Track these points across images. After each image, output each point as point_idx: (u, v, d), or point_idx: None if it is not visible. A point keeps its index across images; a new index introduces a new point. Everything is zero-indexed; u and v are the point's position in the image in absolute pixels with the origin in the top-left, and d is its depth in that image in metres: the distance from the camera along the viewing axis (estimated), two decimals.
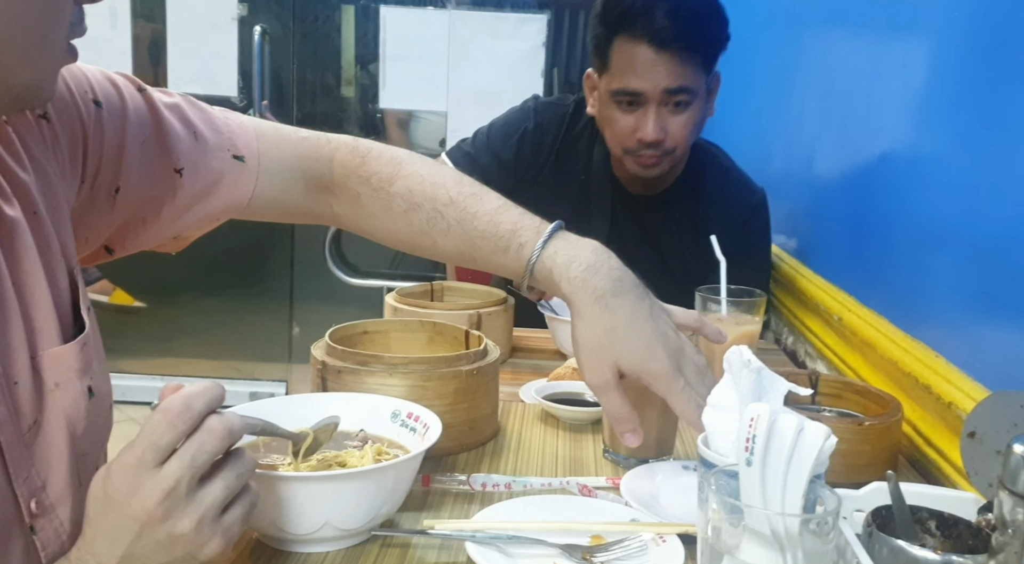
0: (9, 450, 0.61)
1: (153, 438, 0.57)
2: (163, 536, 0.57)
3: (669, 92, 1.35)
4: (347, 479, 0.71)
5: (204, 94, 3.08)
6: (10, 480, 0.62)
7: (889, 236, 1.21)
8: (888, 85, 1.26)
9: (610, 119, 1.40)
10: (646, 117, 1.36)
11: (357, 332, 1.05)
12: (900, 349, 1.07)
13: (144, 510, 0.56)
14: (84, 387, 0.68)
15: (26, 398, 0.63)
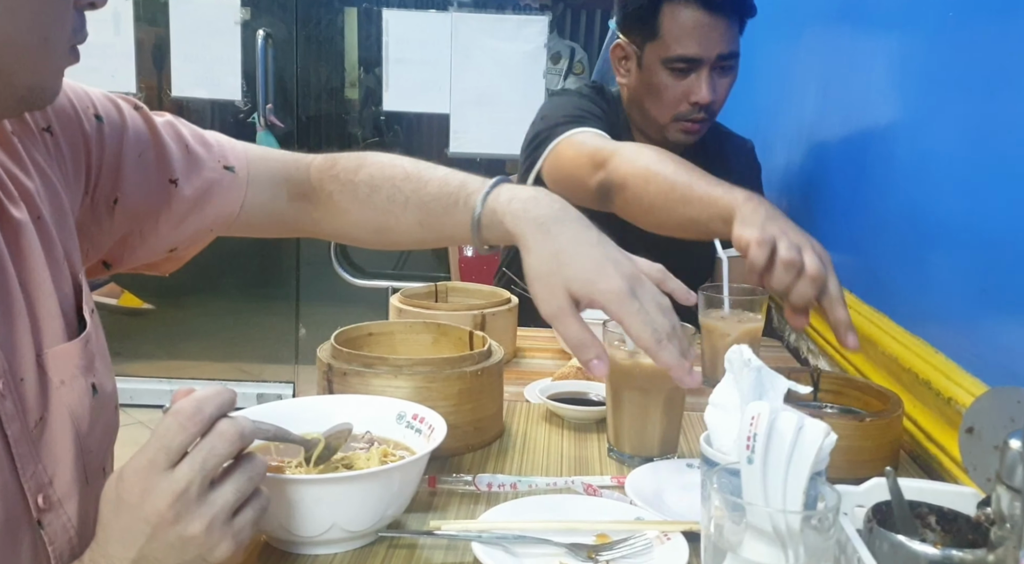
0: (16, 446, 0.63)
1: (165, 441, 0.58)
2: (174, 538, 0.57)
3: (722, 57, 1.39)
4: (354, 481, 0.71)
5: (208, 98, 3.11)
6: (17, 475, 0.63)
7: (889, 233, 1.22)
8: (888, 79, 1.26)
9: (659, 86, 1.42)
10: (700, 81, 1.40)
11: (362, 334, 1.06)
12: (900, 345, 1.08)
13: (156, 512, 0.57)
14: (88, 384, 0.70)
15: (32, 394, 0.65)
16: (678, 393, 0.95)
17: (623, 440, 0.95)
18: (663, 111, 1.45)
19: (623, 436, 0.95)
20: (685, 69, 1.40)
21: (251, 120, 3.06)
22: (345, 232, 0.94)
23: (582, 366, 0.81)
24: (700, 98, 1.40)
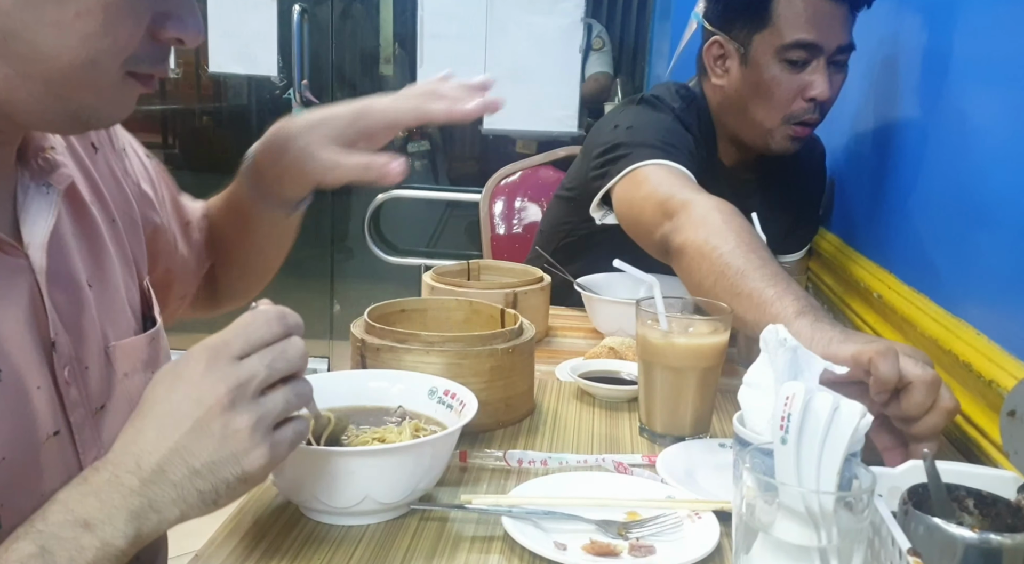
0: (78, 431, 0.64)
1: (247, 331, 0.60)
2: (219, 427, 0.58)
3: (840, 48, 1.29)
4: (387, 454, 0.72)
5: (245, 74, 3.13)
6: (78, 457, 0.64)
7: (930, 213, 1.19)
8: (930, 52, 1.23)
9: (770, 82, 1.30)
10: (818, 73, 1.27)
11: (395, 310, 1.07)
12: (941, 327, 1.06)
13: (212, 392, 0.57)
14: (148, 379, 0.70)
15: (96, 382, 0.67)
16: (711, 372, 0.94)
17: (655, 419, 0.95)
18: (773, 112, 1.32)
19: (655, 415, 0.95)
20: (802, 60, 1.27)
21: (286, 96, 3.07)
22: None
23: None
24: (819, 93, 1.27)
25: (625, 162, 1.26)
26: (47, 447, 0.61)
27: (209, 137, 3.45)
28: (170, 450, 0.57)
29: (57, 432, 0.62)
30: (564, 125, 3.01)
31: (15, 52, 0.55)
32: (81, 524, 0.55)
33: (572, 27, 2.99)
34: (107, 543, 0.55)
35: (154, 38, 0.60)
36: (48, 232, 0.63)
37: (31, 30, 0.54)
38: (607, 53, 3.35)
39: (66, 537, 0.54)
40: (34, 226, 0.63)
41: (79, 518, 0.55)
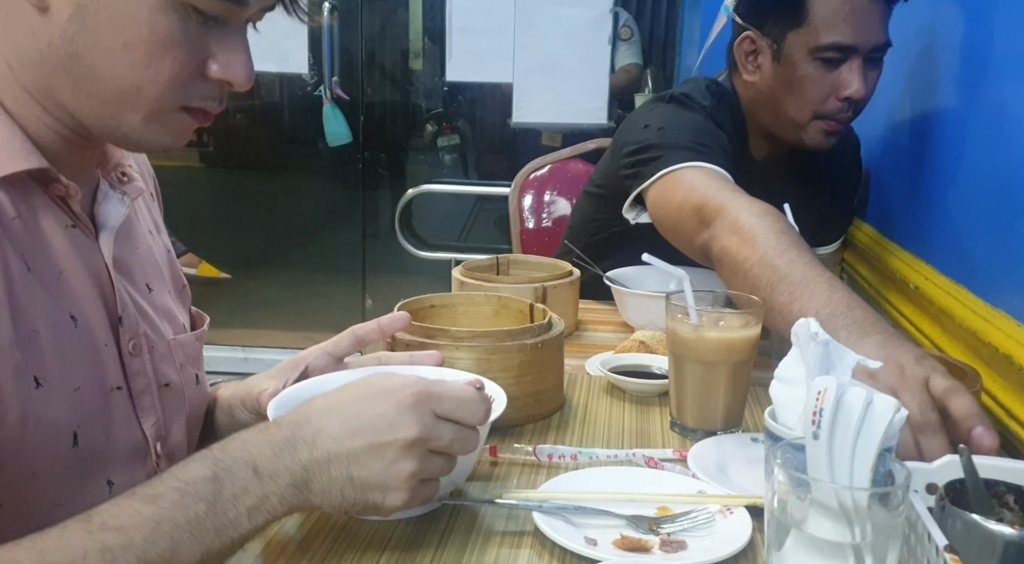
0: (138, 398, 0.73)
1: (460, 403, 0.66)
2: (390, 457, 0.62)
3: (877, 47, 1.26)
4: None
5: (276, 72, 3.16)
6: (138, 419, 0.73)
7: (969, 202, 1.17)
8: (969, 41, 1.20)
9: (804, 80, 1.27)
10: (853, 72, 1.24)
11: (425, 306, 1.07)
12: (980, 319, 1.04)
13: (405, 429, 0.62)
14: (193, 374, 0.82)
15: (161, 364, 0.77)
16: (743, 367, 0.93)
17: (686, 413, 0.94)
18: (804, 109, 1.29)
19: (686, 409, 0.94)
20: (837, 59, 1.25)
21: (317, 93, 3.10)
22: None
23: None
24: (854, 92, 1.25)
25: (658, 164, 1.24)
26: (111, 398, 0.70)
27: (242, 134, 3.49)
28: (343, 449, 0.62)
29: (119, 387, 0.71)
30: (594, 117, 2.99)
31: (77, 71, 0.64)
32: (252, 468, 0.60)
33: (601, 18, 2.97)
34: (266, 497, 0.60)
35: (203, 76, 0.67)
36: (117, 224, 0.73)
37: (89, 54, 0.63)
38: (636, 44, 3.32)
39: (237, 474, 0.60)
40: (106, 216, 0.73)
41: (252, 461, 0.60)
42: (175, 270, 0.87)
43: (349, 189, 3.36)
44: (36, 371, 0.63)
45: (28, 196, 0.65)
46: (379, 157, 3.37)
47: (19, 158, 0.64)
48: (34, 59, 0.64)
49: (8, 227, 0.63)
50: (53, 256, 0.67)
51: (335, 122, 3.10)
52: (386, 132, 3.34)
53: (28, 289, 0.63)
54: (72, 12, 0.62)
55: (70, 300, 0.67)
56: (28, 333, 0.63)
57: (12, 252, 0.62)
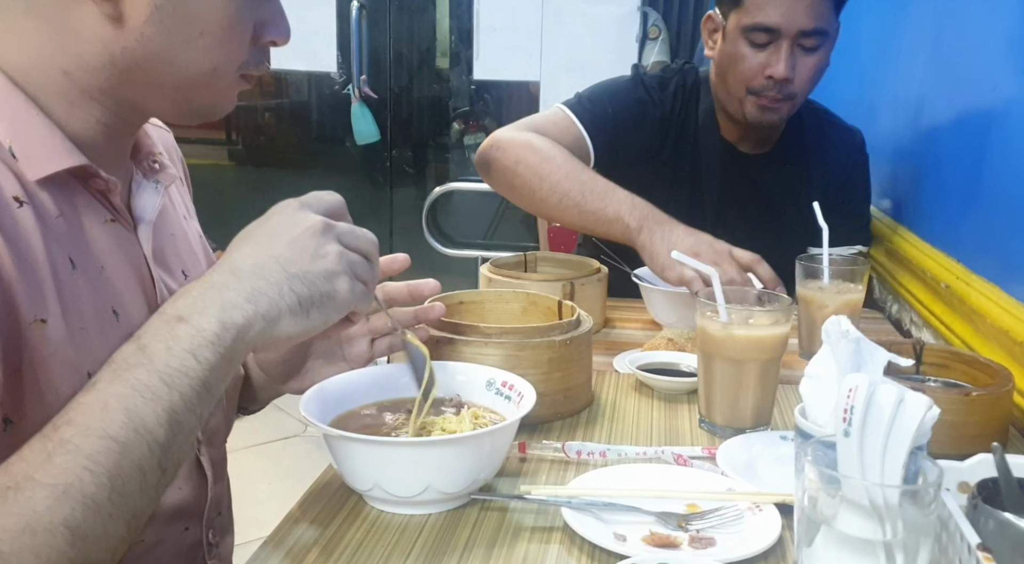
0: None
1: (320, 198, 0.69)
2: (312, 245, 0.65)
3: (804, 33, 1.31)
4: (449, 444, 0.73)
5: (305, 71, 3.19)
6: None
7: (1001, 201, 1.15)
8: (1004, 35, 1.19)
9: (737, 56, 1.35)
10: (778, 53, 1.32)
11: (453, 302, 1.08)
12: (1013, 318, 1.03)
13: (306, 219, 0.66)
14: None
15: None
16: (772, 364, 0.93)
17: (715, 411, 0.94)
18: (738, 84, 1.37)
19: (715, 407, 0.94)
20: (764, 41, 1.32)
21: (346, 92, 3.12)
22: None
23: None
24: (775, 73, 1.32)
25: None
26: None
27: (271, 132, 3.52)
28: (267, 257, 0.64)
29: None
30: None
31: (153, 68, 0.66)
32: (175, 318, 0.60)
33: (628, 16, 2.97)
34: (201, 329, 0.60)
35: (255, 43, 0.70)
36: (154, 216, 0.75)
37: (167, 50, 0.65)
38: (664, 42, 3.31)
39: (161, 331, 0.60)
40: (143, 208, 0.74)
41: (173, 315, 0.61)
42: (208, 255, 0.89)
43: (377, 187, 3.38)
44: (90, 367, 0.64)
45: (69, 193, 0.67)
46: (406, 155, 3.39)
47: (61, 157, 0.65)
48: (103, 64, 0.65)
49: (52, 226, 0.64)
50: (95, 251, 0.68)
51: (363, 120, 3.12)
52: (413, 130, 3.36)
53: (74, 286, 0.64)
54: (148, 15, 0.64)
55: (112, 295, 0.69)
56: (78, 330, 0.64)
57: (58, 250, 0.64)
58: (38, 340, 0.60)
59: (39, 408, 0.61)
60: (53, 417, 0.57)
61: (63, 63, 0.65)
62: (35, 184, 0.63)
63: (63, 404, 0.59)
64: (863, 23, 1.93)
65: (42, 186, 0.64)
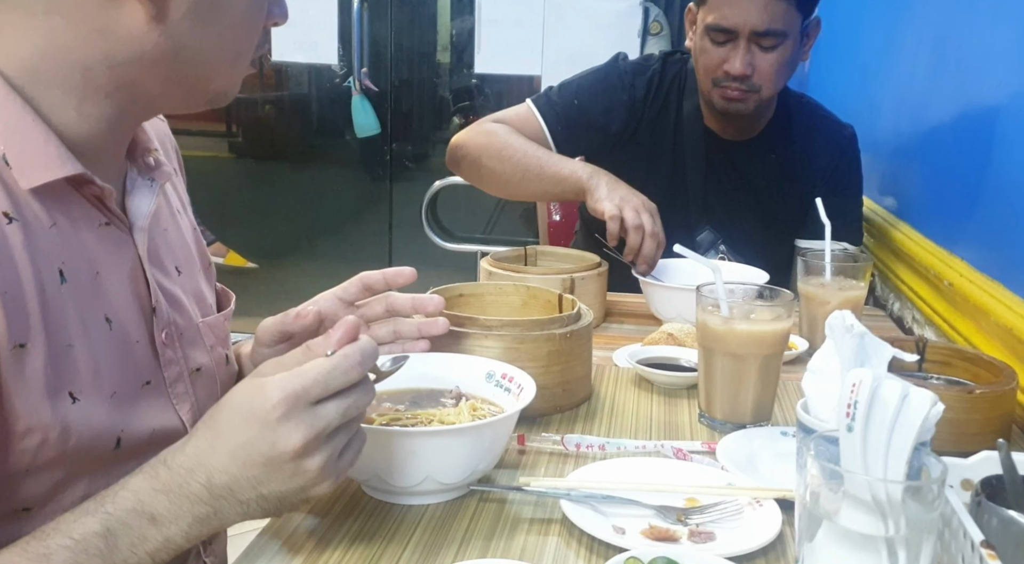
0: (172, 385, 0.74)
1: (327, 379, 0.60)
2: (290, 468, 0.60)
3: (757, 33, 1.37)
4: (448, 435, 0.73)
5: (306, 63, 3.17)
6: (173, 406, 0.74)
7: (1004, 198, 1.15)
8: (1009, 30, 1.18)
9: (702, 50, 1.43)
10: (735, 51, 1.38)
11: (454, 295, 1.07)
12: (1017, 316, 1.02)
13: (289, 441, 0.59)
14: (224, 354, 0.83)
15: (191, 349, 0.77)
16: (773, 360, 0.92)
17: (715, 406, 0.94)
18: (704, 76, 1.45)
19: (715, 402, 0.94)
20: (723, 39, 1.39)
21: (347, 84, 3.11)
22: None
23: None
24: (731, 69, 1.39)
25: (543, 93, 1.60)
26: (144, 392, 0.70)
27: (271, 125, 3.51)
28: (241, 476, 0.60)
29: (149, 382, 0.71)
30: None
31: (182, 60, 0.66)
32: (148, 517, 0.59)
33: (630, 11, 2.96)
34: (169, 539, 0.59)
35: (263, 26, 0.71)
36: (149, 215, 0.73)
37: (199, 42, 0.66)
38: (666, 37, 3.30)
39: (132, 526, 0.58)
40: (138, 209, 0.73)
41: (147, 512, 0.59)
42: (200, 247, 0.87)
43: (377, 180, 3.37)
44: (71, 387, 0.62)
45: (63, 201, 0.65)
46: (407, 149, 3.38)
47: (56, 165, 0.62)
48: (130, 59, 0.64)
49: (43, 239, 0.62)
50: (89, 258, 0.66)
51: (364, 113, 3.11)
52: (414, 124, 3.35)
53: (61, 303, 0.63)
54: (186, 10, 0.64)
55: (106, 301, 0.67)
56: (62, 348, 0.62)
57: (46, 267, 0.62)
58: (16, 366, 0.59)
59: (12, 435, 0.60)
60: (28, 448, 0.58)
61: (84, 59, 0.63)
62: (28, 193, 0.61)
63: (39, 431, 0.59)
64: (865, 18, 1.93)
65: (35, 195, 0.62)
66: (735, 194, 1.54)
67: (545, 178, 1.42)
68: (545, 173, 1.42)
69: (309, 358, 0.62)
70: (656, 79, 1.55)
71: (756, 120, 1.52)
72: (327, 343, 0.62)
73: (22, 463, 0.61)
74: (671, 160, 1.54)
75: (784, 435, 0.89)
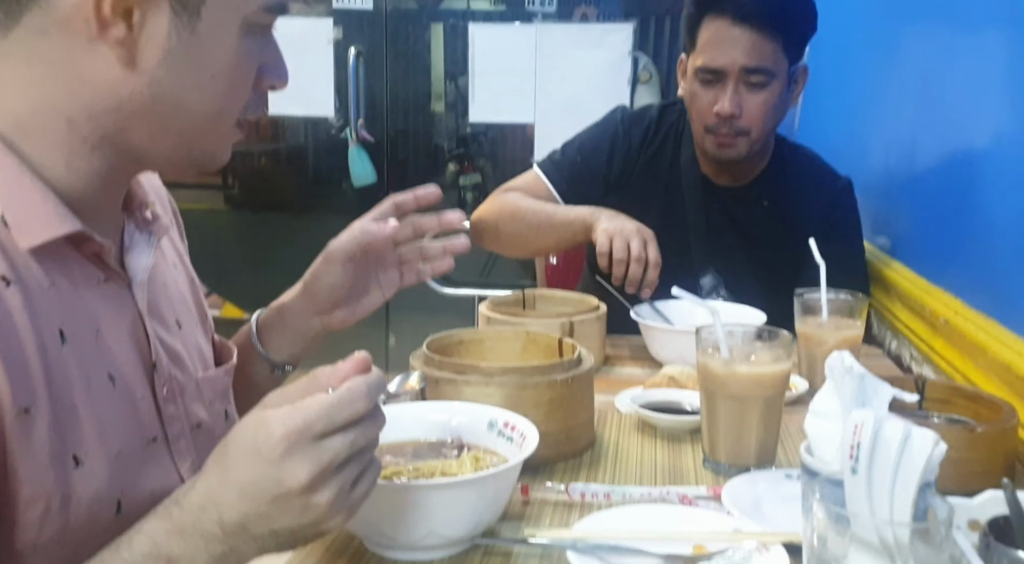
0: (175, 442, 0.73)
1: (331, 413, 0.59)
2: (299, 503, 0.58)
3: (747, 70, 1.39)
4: (450, 488, 0.72)
5: (303, 115, 3.21)
6: (175, 463, 0.73)
7: (995, 235, 1.16)
8: (990, 73, 1.20)
9: (693, 95, 1.46)
10: (724, 91, 1.41)
11: (453, 341, 1.07)
12: (1013, 352, 1.03)
13: (294, 477, 0.58)
14: (223, 410, 0.82)
15: (193, 404, 0.77)
16: (775, 401, 0.92)
17: (719, 450, 0.94)
18: (696, 122, 1.48)
19: (719, 445, 0.94)
20: (711, 80, 1.42)
21: (343, 135, 3.14)
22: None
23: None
24: (720, 109, 1.41)
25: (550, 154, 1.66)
26: (148, 450, 0.70)
27: (267, 177, 3.53)
28: (251, 513, 0.59)
29: (155, 439, 0.71)
30: None
31: (161, 111, 0.65)
32: (165, 560, 0.59)
33: (620, 61, 3.01)
34: None
35: (255, 86, 0.70)
36: (148, 269, 0.73)
37: (176, 92, 0.65)
38: (655, 85, 3.35)
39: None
40: (137, 264, 0.73)
41: (164, 554, 0.59)
42: (198, 298, 0.87)
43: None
44: (75, 449, 0.62)
45: (62, 259, 0.65)
46: None
47: (54, 224, 0.62)
48: (109, 109, 0.64)
49: (42, 301, 0.61)
50: (89, 316, 0.66)
51: (360, 163, 3.14)
52: (410, 171, 3.37)
53: (63, 364, 0.62)
54: (161, 58, 0.63)
55: (108, 359, 0.67)
56: (66, 410, 0.62)
57: (46, 329, 0.61)
58: (22, 431, 0.58)
59: (16, 504, 0.59)
60: (32, 511, 0.58)
61: (67, 110, 0.64)
62: (26, 254, 0.61)
63: (42, 499, 0.59)
64: (851, 66, 1.97)
65: (33, 255, 0.62)
66: (729, 239, 1.55)
67: (556, 227, 1.48)
68: (555, 222, 1.48)
69: (313, 386, 0.62)
70: (652, 128, 1.59)
71: (749, 166, 1.54)
72: (334, 374, 0.62)
73: (28, 538, 0.60)
74: (664, 206, 1.56)
75: (789, 478, 0.89)
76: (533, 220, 1.51)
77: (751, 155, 1.48)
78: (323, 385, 0.61)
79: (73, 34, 0.61)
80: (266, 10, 0.68)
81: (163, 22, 0.63)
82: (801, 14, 1.42)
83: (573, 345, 1.03)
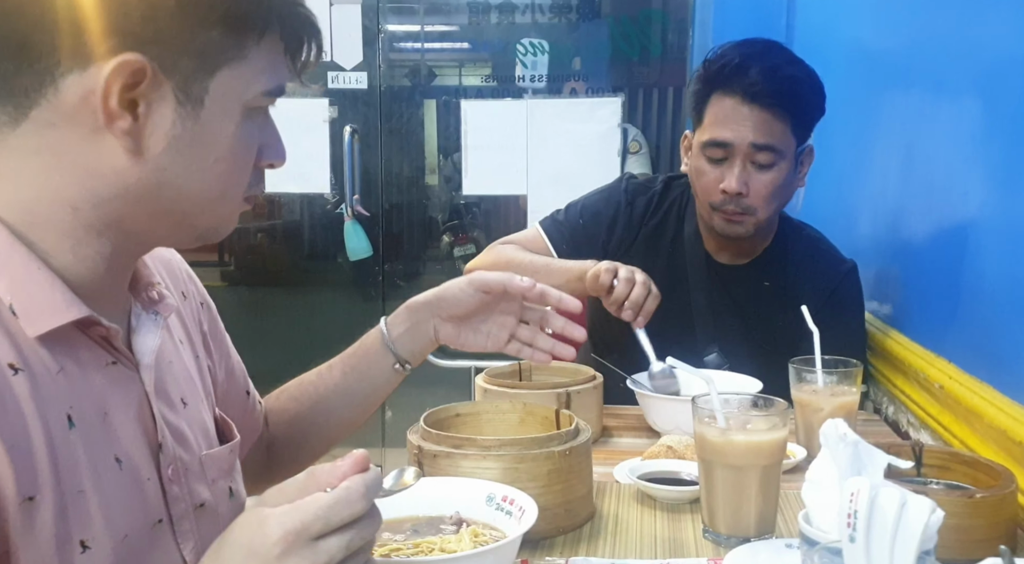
0: (179, 522, 0.73)
1: (328, 513, 0.58)
2: None
3: (755, 147, 1.39)
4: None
5: (299, 192, 3.27)
6: (178, 544, 0.73)
7: (988, 301, 1.18)
8: (977, 141, 1.24)
9: (699, 171, 1.46)
10: (731, 168, 1.41)
11: (450, 415, 1.08)
12: (1009, 418, 1.03)
13: None
14: (227, 487, 0.81)
15: (196, 484, 0.77)
16: (773, 470, 0.92)
17: (718, 520, 0.93)
18: (703, 199, 1.47)
19: (718, 515, 0.93)
20: (718, 157, 1.41)
21: (339, 211, 3.19)
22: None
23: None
24: (727, 186, 1.40)
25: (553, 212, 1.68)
26: (154, 532, 0.70)
27: (264, 252, 3.57)
28: None
29: (160, 520, 0.71)
30: None
31: (164, 196, 0.67)
32: None
33: (610, 133, 3.08)
34: None
35: (255, 166, 0.73)
36: (155, 351, 0.74)
37: (180, 177, 0.67)
38: (645, 155, 3.42)
39: None
40: (143, 345, 0.73)
41: None
42: (203, 375, 0.87)
43: (369, 301, 3.40)
44: (82, 535, 0.61)
45: (69, 344, 0.65)
46: (398, 268, 3.43)
47: (62, 311, 0.63)
48: (115, 196, 0.66)
49: (50, 387, 0.62)
50: (97, 399, 0.67)
51: (356, 238, 3.18)
52: (405, 244, 3.41)
53: (71, 448, 0.62)
54: (166, 146, 0.65)
55: (115, 441, 0.67)
56: (74, 495, 0.62)
57: (54, 414, 0.62)
58: (26, 520, 0.59)
59: None
60: None
61: (72, 198, 0.65)
62: (34, 340, 0.62)
63: None
64: (838, 139, 2.02)
65: (41, 341, 0.62)
66: (727, 317, 1.54)
67: (553, 274, 1.46)
68: (552, 270, 1.48)
69: (311, 484, 0.61)
70: (656, 199, 1.59)
71: (752, 245, 1.53)
72: (332, 472, 0.61)
73: None
74: (666, 280, 1.50)
75: (790, 547, 0.88)
76: (528, 269, 1.49)
77: (756, 234, 1.48)
78: (321, 483, 0.61)
79: (80, 126, 0.63)
80: (266, 95, 0.70)
81: (168, 112, 0.65)
82: (811, 96, 1.42)
83: (570, 416, 1.04)
